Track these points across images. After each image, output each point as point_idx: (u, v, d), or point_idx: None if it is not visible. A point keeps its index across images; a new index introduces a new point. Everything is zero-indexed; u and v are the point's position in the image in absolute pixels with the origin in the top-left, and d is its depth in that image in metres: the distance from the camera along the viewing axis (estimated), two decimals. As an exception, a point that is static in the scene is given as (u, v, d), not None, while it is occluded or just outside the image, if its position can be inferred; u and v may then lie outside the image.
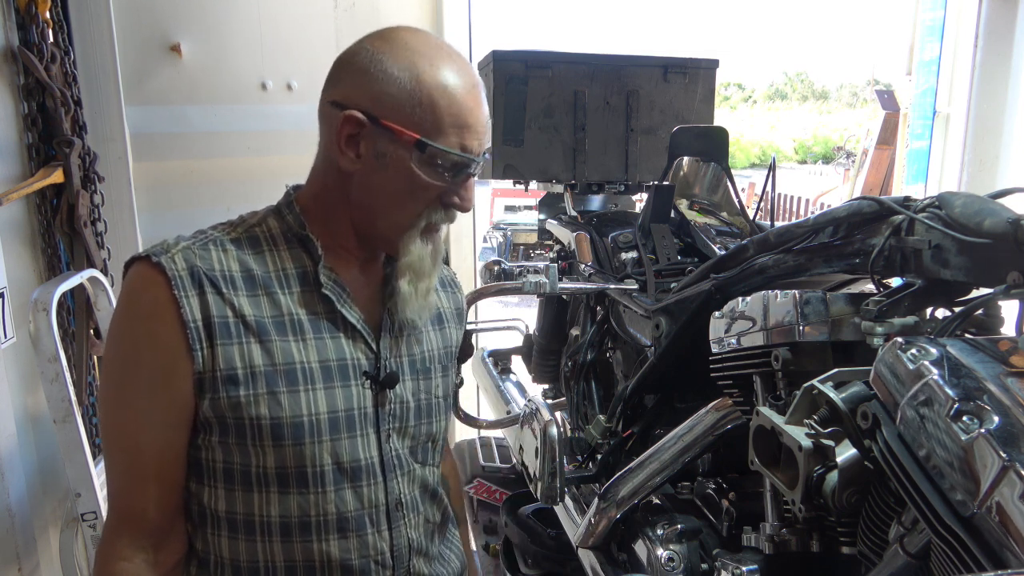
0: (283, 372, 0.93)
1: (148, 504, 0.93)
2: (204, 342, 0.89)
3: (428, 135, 0.92)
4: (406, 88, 0.91)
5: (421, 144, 0.92)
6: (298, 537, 0.96)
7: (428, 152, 0.93)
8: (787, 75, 42.18)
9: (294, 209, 1.00)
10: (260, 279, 0.95)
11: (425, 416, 1.07)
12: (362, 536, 0.99)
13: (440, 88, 0.92)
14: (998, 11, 3.55)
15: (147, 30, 2.41)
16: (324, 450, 0.95)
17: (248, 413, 0.91)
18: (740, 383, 1.26)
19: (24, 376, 1.92)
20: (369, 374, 0.99)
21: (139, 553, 0.93)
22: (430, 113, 0.92)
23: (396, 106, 0.92)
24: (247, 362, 0.91)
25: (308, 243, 0.98)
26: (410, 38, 0.95)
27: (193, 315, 0.89)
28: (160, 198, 2.49)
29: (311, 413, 0.94)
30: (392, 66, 0.92)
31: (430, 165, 0.94)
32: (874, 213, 1.09)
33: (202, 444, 0.94)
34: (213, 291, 0.91)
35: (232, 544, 0.96)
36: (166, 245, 0.93)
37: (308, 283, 0.98)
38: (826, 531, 1.03)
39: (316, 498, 0.95)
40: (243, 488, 0.94)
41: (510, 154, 2.21)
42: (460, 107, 0.93)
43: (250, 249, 0.96)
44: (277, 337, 0.93)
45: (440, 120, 0.92)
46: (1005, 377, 0.75)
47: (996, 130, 3.65)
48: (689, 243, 1.86)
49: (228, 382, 0.90)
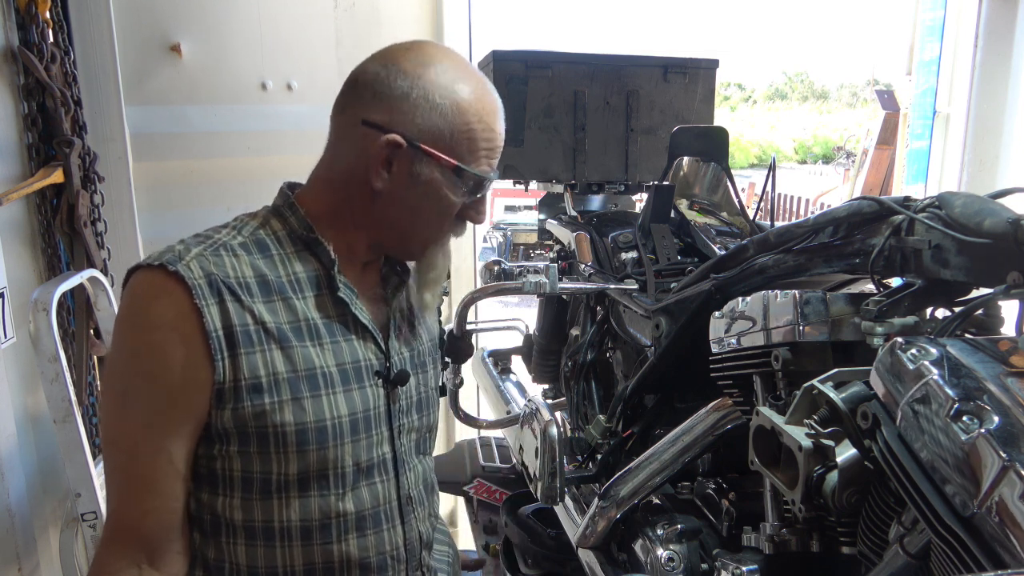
0: (305, 378, 0.93)
1: (144, 517, 0.91)
2: (226, 352, 0.88)
3: (463, 160, 0.96)
4: (447, 117, 0.95)
5: (458, 170, 0.96)
6: (318, 540, 0.96)
7: (463, 177, 0.97)
8: (787, 75, 42.19)
9: (297, 211, 0.99)
10: (274, 285, 0.94)
11: (426, 408, 1.10)
12: (379, 533, 1.00)
13: (477, 116, 0.96)
14: (998, 11, 3.54)
15: (147, 30, 2.41)
16: (346, 452, 0.96)
17: (272, 421, 0.90)
18: (740, 383, 1.26)
19: (24, 376, 1.92)
20: (381, 374, 1.00)
21: (131, 568, 0.91)
22: (467, 141, 0.96)
23: (437, 133, 0.95)
24: (270, 369, 0.91)
25: (318, 247, 0.98)
26: (446, 61, 0.97)
27: (215, 325, 0.88)
28: (160, 198, 2.49)
29: (334, 417, 0.94)
30: (434, 93, 0.94)
31: (459, 186, 0.98)
32: (874, 213, 1.09)
33: (218, 454, 0.92)
34: (232, 299, 0.90)
35: (250, 551, 0.95)
36: (177, 252, 0.91)
37: (320, 287, 0.98)
38: (826, 531, 1.03)
39: (336, 499, 0.96)
40: (262, 496, 0.94)
41: (510, 154, 2.20)
42: (492, 133, 0.98)
43: (260, 254, 0.96)
44: (297, 343, 0.93)
45: (476, 147, 0.97)
46: (1005, 377, 0.75)
47: (996, 130, 3.64)
48: (689, 243, 1.86)
49: (252, 391, 0.89)
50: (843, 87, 39.25)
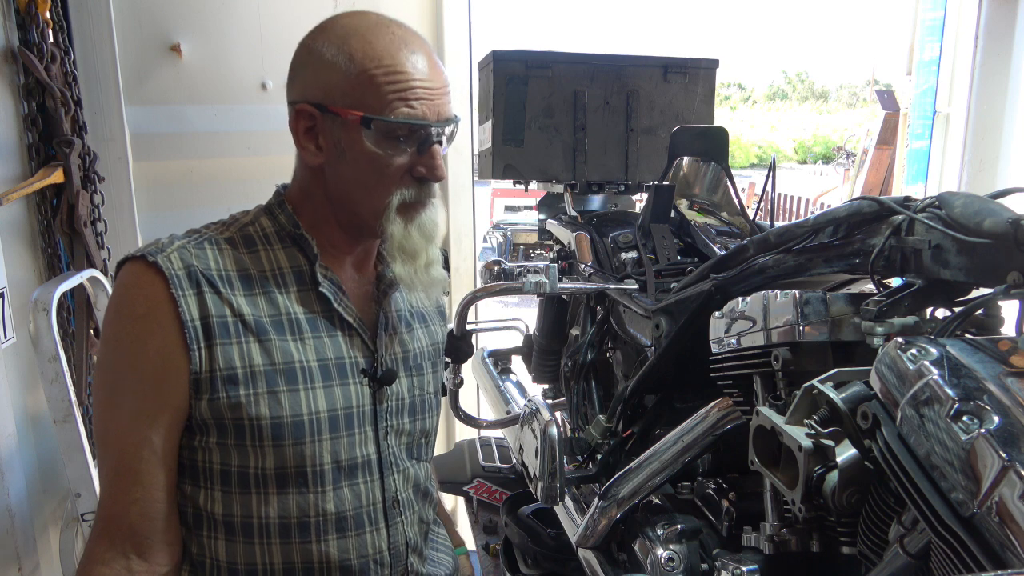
0: (283, 371, 0.92)
1: (131, 508, 0.91)
2: (202, 342, 0.89)
3: (372, 111, 0.90)
4: (342, 69, 0.91)
5: (366, 120, 0.90)
6: (297, 538, 0.95)
7: (376, 128, 0.91)
8: (787, 75, 42.22)
9: (286, 209, 1.00)
10: (256, 278, 0.94)
11: (419, 412, 1.08)
12: (360, 535, 0.99)
13: (374, 60, 0.90)
14: (998, 11, 3.54)
15: (147, 30, 2.41)
16: (324, 449, 0.95)
17: (248, 413, 0.90)
18: (740, 383, 1.26)
19: (24, 376, 1.92)
20: (367, 372, 1.00)
21: (119, 559, 0.90)
22: (369, 88, 0.90)
23: (338, 90, 0.91)
24: (247, 362, 0.91)
25: (303, 242, 0.98)
26: (346, 21, 0.94)
27: (191, 314, 0.88)
28: (160, 198, 2.49)
29: (311, 412, 0.94)
30: (327, 52, 0.92)
31: (386, 140, 0.92)
32: (874, 213, 1.09)
33: (198, 446, 0.93)
34: (211, 290, 0.90)
35: (229, 547, 0.95)
36: (160, 244, 0.92)
37: (304, 282, 0.97)
38: (826, 531, 1.03)
39: (315, 498, 0.95)
40: (240, 490, 0.94)
41: (510, 154, 2.20)
42: (398, 75, 0.91)
43: (245, 248, 0.96)
44: (276, 336, 0.93)
45: (380, 93, 0.90)
46: (1005, 377, 0.75)
47: (996, 130, 3.64)
48: (689, 243, 1.86)
49: (228, 382, 0.89)
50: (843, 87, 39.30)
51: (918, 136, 4.60)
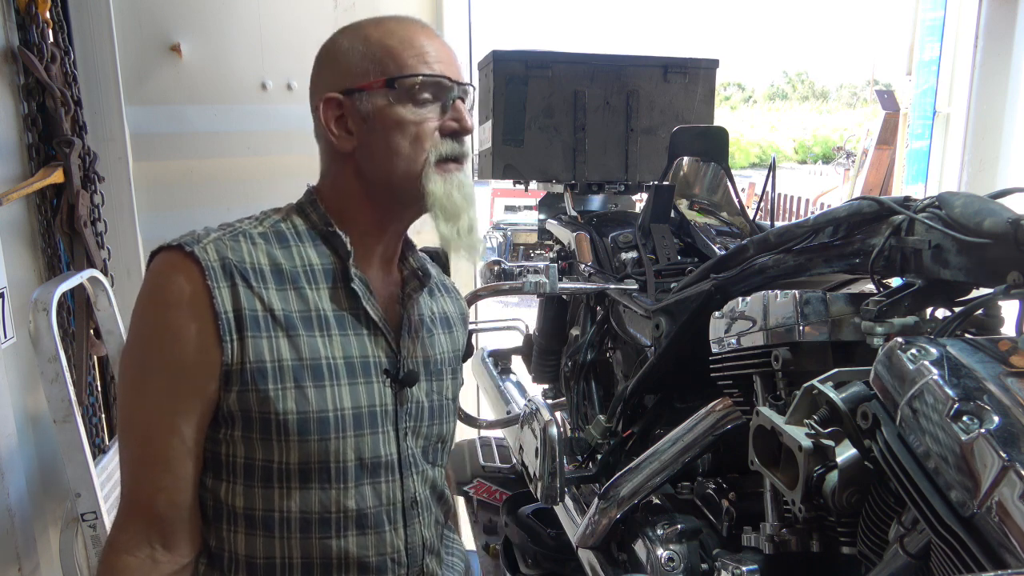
0: (309, 367, 0.93)
1: (158, 496, 0.91)
2: (234, 334, 0.89)
3: (392, 73, 0.96)
4: (359, 51, 0.97)
5: (390, 81, 0.95)
6: (317, 533, 0.95)
7: (400, 85, 0.96)
8: (787, 75, 42.24)
9: (319, 208, 1.01)
10: (288, 274, 0.95)
11: (437, 417, 1.09)
12: (380, 533, 0.99)
13: (388, 34, 0.97)
14: (998, 11, 3.55)
15: (147, 30, 2.41)
16: (348, 446, 0.95)
17: (275, 407, 0.91)
18: (740, 383, 1.26)
19: (24, 376, 1.92)
20: (390, 372, 1.00)
21: (144, 547, 0.91)
22: (387, 56, 0.96)
23: (358, 70, 0.96)
24: (275, 356, 0.91)
25: (336, 240, 0.99)
26: (354, 22, 1.01)
27: (225, 306, 0.89)
28: (160, 198, 2.49)
29: (336, 408, 0.94)
30: (343, 43, 0.99)
31: (411, 100, 0.97)
32: (874, 213, 1.09)
33: (223, 439, 0.93)
34: (243, 284, 0.91)
35: (249, 540, 0.95)
36: (196, 236, 0.93)
37: (334, 279, 0.98)
38: (826, 531, 1.03)
39: (337, 494, 0.95)
40: (263, 484, 0.94)
41: (510, 154, 2.20)
42: (412, 40, 0.98)
43: (277, 244, 0.97)
44: (304, 332, 0.94)
45: (400, 59, 0.96)
46: (1005, 377, 0.75)
47: (996, 130, 3.65)
48: (689, 243, 1.86)
49: (257, 375, 0.90)
50: (843, 87, 39.31)
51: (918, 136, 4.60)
